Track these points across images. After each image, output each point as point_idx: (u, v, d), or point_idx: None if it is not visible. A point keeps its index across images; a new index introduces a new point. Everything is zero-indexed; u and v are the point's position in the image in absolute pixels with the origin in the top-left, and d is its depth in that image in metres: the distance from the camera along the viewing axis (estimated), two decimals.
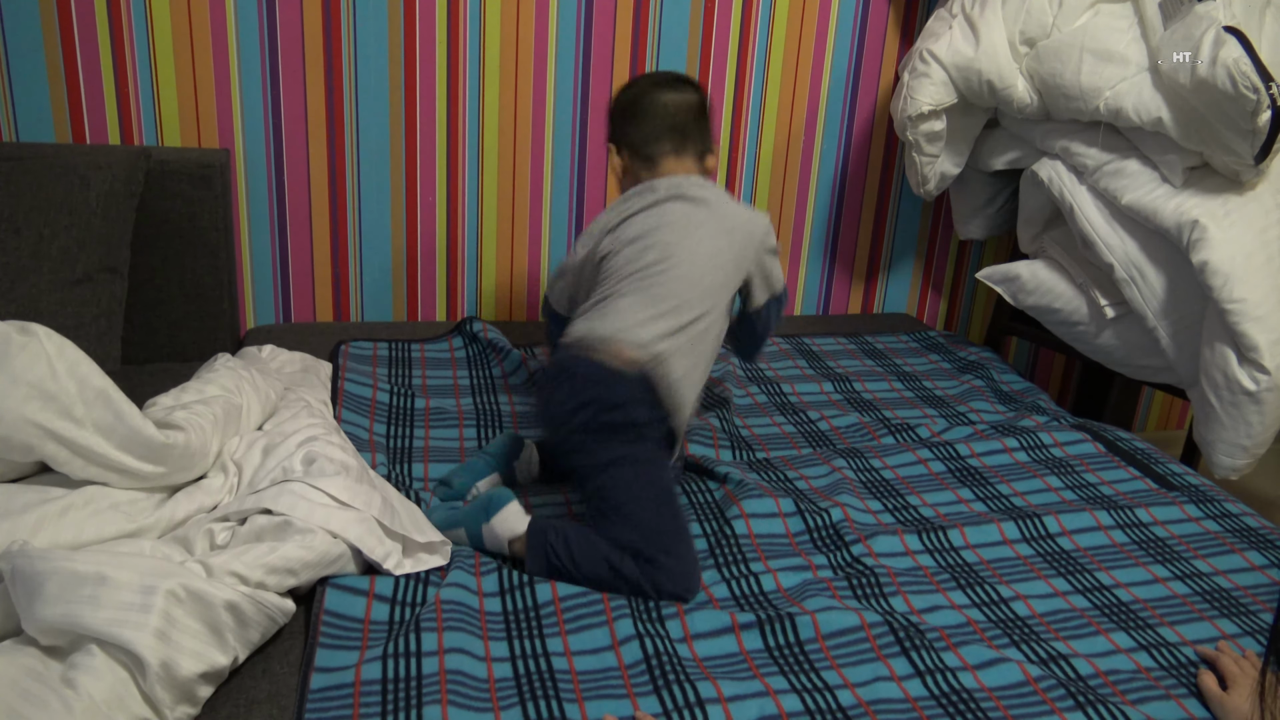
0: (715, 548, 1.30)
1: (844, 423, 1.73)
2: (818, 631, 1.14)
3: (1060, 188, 1.85)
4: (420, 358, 1.83)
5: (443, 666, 1.01)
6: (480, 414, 1.63)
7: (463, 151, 2.00)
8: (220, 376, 1.40)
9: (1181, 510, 1.49)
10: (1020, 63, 1.88)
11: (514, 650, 1.08)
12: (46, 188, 1.55)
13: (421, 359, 1.82)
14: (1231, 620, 1.24)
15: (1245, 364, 1.61)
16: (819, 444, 1.65)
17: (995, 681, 1.08)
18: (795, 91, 2.15)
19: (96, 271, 1.59)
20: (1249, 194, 1.68)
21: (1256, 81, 1.52)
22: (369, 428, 1.52)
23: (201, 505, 1.19)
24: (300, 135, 1.90)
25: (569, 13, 1.96)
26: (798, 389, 1.86)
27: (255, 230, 1.94)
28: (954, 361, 2.06)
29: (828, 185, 2.25)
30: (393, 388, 1.65)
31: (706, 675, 1.06)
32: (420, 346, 1.87)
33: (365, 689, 0.99)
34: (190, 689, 0.94)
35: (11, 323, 1.14)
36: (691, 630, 1.13)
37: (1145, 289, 1.76)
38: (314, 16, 1.84)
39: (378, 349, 1.83)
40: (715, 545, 1.30)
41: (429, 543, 1.20)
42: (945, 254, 2.40)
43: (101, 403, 1.13)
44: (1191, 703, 1.07)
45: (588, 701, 1.01)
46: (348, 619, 1.08)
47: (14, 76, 1.73)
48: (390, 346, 1.85)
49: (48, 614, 0.92)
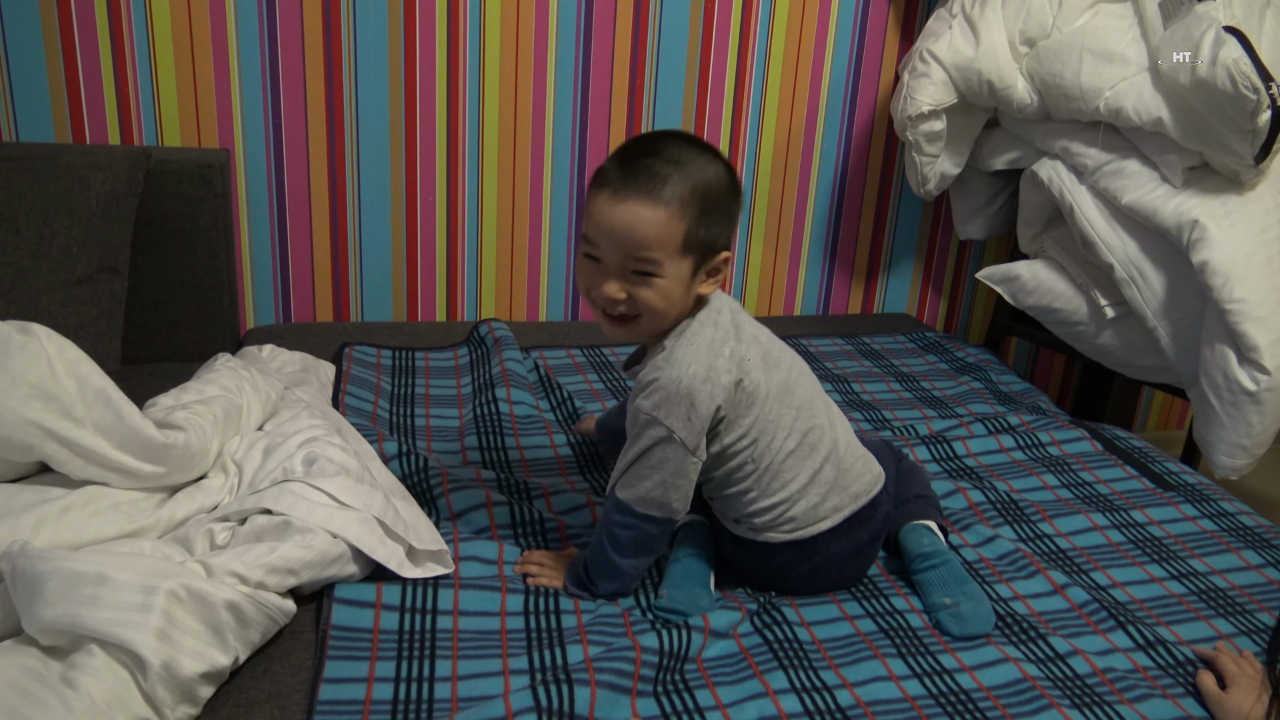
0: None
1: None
2: (813, 634, 1.15)
3: (1060, 188, 1.85)
4: (424, 366, 1.82)
5: (455, 693, 1.01)
6: (480, 422, 1.62)
7: (463, 151, 2.00)
8: (220, 376, 1.40)
9: (1178, 510, 1.49)
10: (1020, 63, 1.88)
11: (532, 663, 1.07)
12: (46, 188, 1.55)
13: (425, 368, 1.82)
14: (1228, 620, 1.24)
15: (1245, 364, 1.61)
16: None
17: (993, 681, 1.08)
18: (795, 91, 2.15)
19: (96, 271, 1.59)
20: (1249, 194, 1.68)
21: (1256, 81, 1.52)
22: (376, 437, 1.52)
23: (202, 505, 1.19)
24: (300, 135, 1.90)
25: (569, 13, 1.96)
26: None
27: (255, 230, 1.94)
28: (952, 362, 2.06)
29: (828, 185, 2.25)
30: (393, 407, 1.64)
31: (704, 675, 1.06)
32: (425, 355, 1.87)
33: (375, 707, 0.99)
34: (191, 689, 0.94)
35: (11, 323, 1.14)
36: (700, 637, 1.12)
37: (1145, 289, 1.76)
38: (314, 16, 1.84)
39: (380, 356, 1.82)
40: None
41: (430, 550, 1.19)
42: (945, 254, 2.40)
43: (101, 403, 1.13)
44: (1189, 702, 1.08)
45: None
46: (356, 630, 1.08)
47: (14, 76, 1.73)
48: (395, 356, 1.83)
49: (48, 614, 0.92)
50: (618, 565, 1.17)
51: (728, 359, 1.13)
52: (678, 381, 1.11)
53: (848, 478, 1.21)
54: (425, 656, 1.06)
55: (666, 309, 1.12)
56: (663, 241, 1.08)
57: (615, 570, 1.17)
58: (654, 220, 1.07)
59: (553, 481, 1.43)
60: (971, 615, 1.18)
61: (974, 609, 1.19)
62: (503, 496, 1.35)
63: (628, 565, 1.17)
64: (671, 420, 1.11)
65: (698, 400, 1.11)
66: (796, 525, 1.19)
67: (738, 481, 1.19)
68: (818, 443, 1.19)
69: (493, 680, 1.03)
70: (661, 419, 1.11)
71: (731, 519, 1.23)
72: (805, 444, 1.19)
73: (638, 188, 1.08)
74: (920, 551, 1.26)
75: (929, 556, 1.25)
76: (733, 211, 1.14)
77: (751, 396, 1.15)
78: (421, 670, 1.04)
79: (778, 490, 1.18)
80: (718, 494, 1.22)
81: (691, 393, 1.11)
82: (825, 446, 1.20)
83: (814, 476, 1.19)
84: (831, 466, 1.20)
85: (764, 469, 1.17)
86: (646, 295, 1.10)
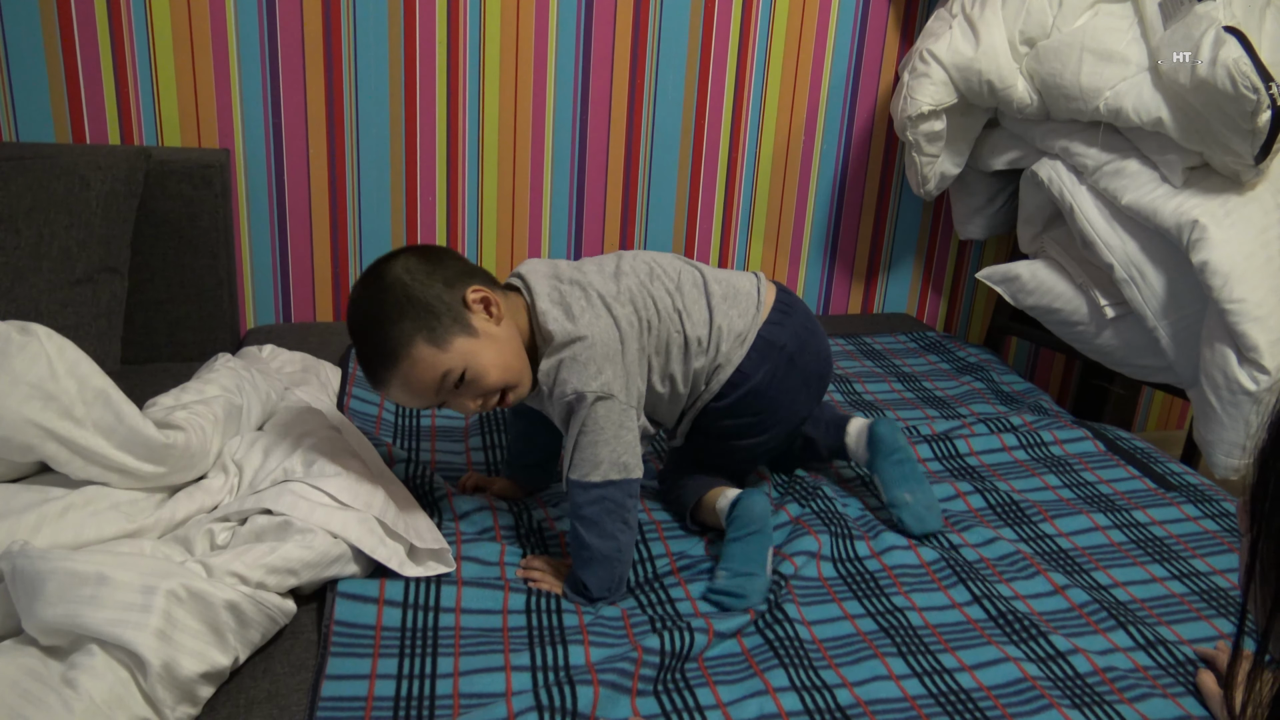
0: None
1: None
2: (813, 633, 1.15)
3: (1060, 188, 1.85)
4: None
5: (457, 690, 1.01)
6: (485, 423, 1.62)
7: (463, 151, 2.00)
8: (220, 376, 1.40)
9: (1180, 510, 1.49)
10: (1020, 63, 1.88)
11: (534, 660, 1.07)
12: (46, 188, 1.55)
13: None
14: (1229, 620, 1.24)
15: (1245, 364, 1.61)
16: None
17: (993, 680, 1.08)
18: (795, 91, 2.15)
19: (96, 271, 1.59)
20: (1249, 194, 1.68)
21: (1256, 81, 1.52)
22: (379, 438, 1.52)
23: (202, 505, 1.19)
24: (300, 135, 1.90)
25: (569, 13, 1.96)
26: None
27: (255, 230, 1.94)
28: (953, 362, 2.06)
29: (828, 185, 2.25)
30: (398, 408, 1.64)
31: (705, 674, 1.06)
32: None
33: (378, 704, 0.98)
34: (191, 689, 0.94)
35: (11, 323, 1.14)
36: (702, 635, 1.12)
37: (1145, 289, 1.76)
38: (314, 16, 1.84)
39: None
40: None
41: (431, 549, 1.19)
42: (945, 254, 2.40)
43: (101, 403, 1.13)
44: (1189, 701, 1.07)
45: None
46: (359, 626, 1.08)
47: (14, 76, 1.73)
48: None
49: (48, 614, 0.92)
50: (597, 549, 1.16)
51: (596, 312, 1.20)
52: (590, 346, 1.17)
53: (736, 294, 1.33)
54: (428, 653, 1.06)
55: (510, 363, 1.18)
56: (431, 366, 1.14)
57: (596, 556, 1.16)
58: (411, 370, 1.14)
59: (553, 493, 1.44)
60: (926, 514, 1.33)
61: (929, 508, 1.34)
62: (504, 503, 1.36)
63: (607, 547, 1.16)
64: (599, 383, 1.16)
65: (611, 353, 1.18)
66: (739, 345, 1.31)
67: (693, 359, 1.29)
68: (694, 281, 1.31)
69: (495, 677, 1.03)
70: (591, 388, 1.16)
71: (712, 408, 1.32)
72: (692, 289, 1.30)
73: (384, 370, 1.15)
74: (886, 443, 1.38)
75: (894, 450, 1.37)
76: (428, 280, 1.15)
77: (643, 311, 1.24)
78: (424, 667, 1.04)
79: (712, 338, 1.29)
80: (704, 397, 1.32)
81: (607, 348, 1.18)
82: (698, 279, 1.32)
83: (713, 307, 1.30)
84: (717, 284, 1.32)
85: (686, 337, 1.27)
86: (483, 385, 1.16)
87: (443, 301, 1.14)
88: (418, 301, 1.13)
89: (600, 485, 1.16)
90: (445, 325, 1.14)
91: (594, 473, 1.16)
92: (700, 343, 1.28)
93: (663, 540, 1.32)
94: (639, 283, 1.27)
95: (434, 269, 1.16)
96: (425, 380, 1.14)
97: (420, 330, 1.13)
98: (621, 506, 1.17)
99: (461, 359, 1.14)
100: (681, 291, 1.29)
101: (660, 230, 2.17)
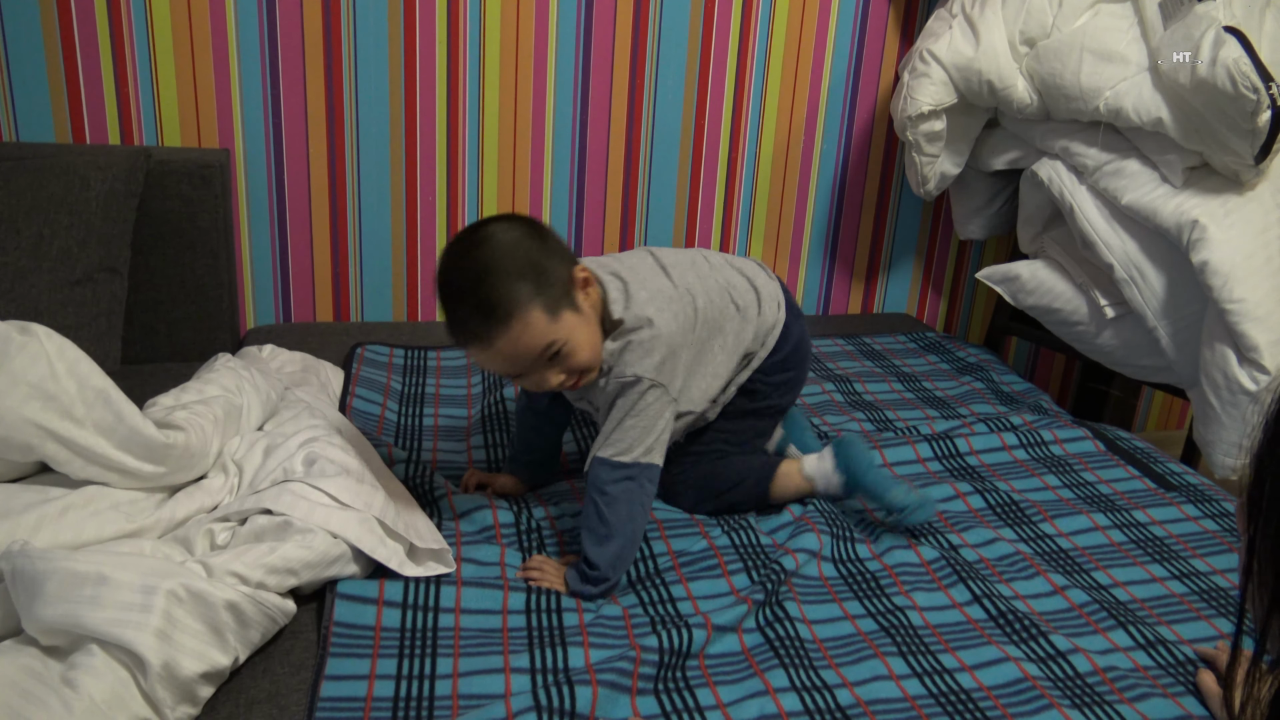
0: (731, 547, 1.30)
1: (845, 424, 1.73)
2: (814, 633, 1.15)
3: (1060, 188, 1.85)
4: (436, 365, 1.82)
5: (456, 690, 1.01)
6: (488, 421, 1.62)
7: (463, 151, 2.00)
8: (220, 376, 1.40)
9: (1180, 510, 1.49)
10: (1020, 63, 1.88)
11: (533, 661, 1.07)
12: (46, 188, 1.55)
13: (437, 367, 1.82)
14: (1229, 619, 1.24)
15: (1245, 364, 1.61)
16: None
17: (994, 680, 1.08)
18: (795, 91, 2.15)
19: (96, 271, 1.59)
20: (1249, 194, 1.68)
21: (1256, 81, 1.52)
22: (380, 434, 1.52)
23: (202, 505, 1.19)
24: (300, 135, 1.90)
25: (569, 13, 1.96)
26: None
27: (255, 230, 1.94)
28: (953, 362, 2.06)
29: (828, 185, 2.25)
30: (401, 408, 1.64)
31: (705, 674, 1.06)
32: (437, 354, 1.87)
33: (377, 704, 0.98)
34: (191, 689, 0.94)
35: (11, 323, 1.14)
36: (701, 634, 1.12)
37: (1145, 289, 1.76)
38: (314, 16, 1.84)
39: (393, 355, 1.82)
40: (731, 545, 1.31)
41: (431, 549, 1.19)
42: (945, 254, 2.40)
43: (101, 403, 1.13)
44: (1189, 700, 1.07)
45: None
46: (358, 627, 1.08)
47: (14, 76, 1.73)
48: (406, 355, 1.83)
49: (48, 614, 0.92)
50: (615, 526, 1.18)
51: (659, 306, 1.23)
52: (657, 335, 1.21)
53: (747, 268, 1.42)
54: (427, 654, 1.06)
55: (598, 345, 1.21)
56: (542, 333, 1.14)
57: (614, 533, 1.18)
58: (521, 334, 1.13)
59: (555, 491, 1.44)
60: (924, 504, 1.34)
61: (927, 500, 1.35)
62: (505, 501, 1.35)
63: (626, 527, 1.19)
64: (657, 371, 1.20)
65: (675, 345, 1.23)
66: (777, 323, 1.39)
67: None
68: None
69: (494, 678, 1.03)
70: (649, 374, 1.20)
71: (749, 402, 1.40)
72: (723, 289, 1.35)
73: (490, 328, 1.12)
74: (859, 461, 1.39)
75: (870, 466, 1.39)
76: (545, 248, 1.17)
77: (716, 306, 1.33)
78: (423, 668, 1.04)
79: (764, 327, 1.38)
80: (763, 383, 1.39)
81: (671, 339, 1.22)
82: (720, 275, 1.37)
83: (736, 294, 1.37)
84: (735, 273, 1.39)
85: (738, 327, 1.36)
86: (574, 362, 1.17)
87: (558, 274, 1.16)
88: (539, 267, 1.14)
89: (630, 466, 1.20)
90: (558, 296, 1.15)
91: (627, 454, 1.20)
92: (751, 309, 1.37)
93: (664, 539, 1.32)
94: (696, 277, 1.33)
95: (546, 241, 1.18)
96: (532, 346, 1.14)
97: (540, 295, 1.13)
98: (644, 491, 1.21)
99: (566, 332, 1.15)
100: (720, 270, 1.38)
101: (660, 230, 2.17)
